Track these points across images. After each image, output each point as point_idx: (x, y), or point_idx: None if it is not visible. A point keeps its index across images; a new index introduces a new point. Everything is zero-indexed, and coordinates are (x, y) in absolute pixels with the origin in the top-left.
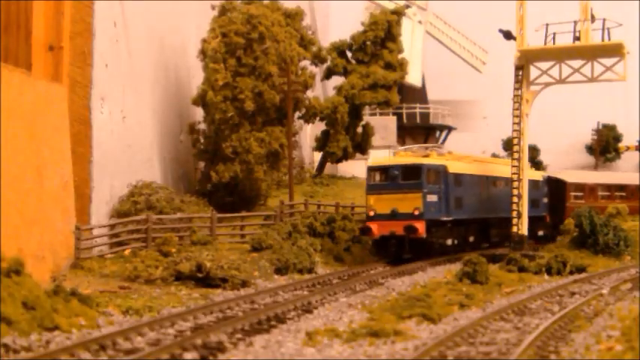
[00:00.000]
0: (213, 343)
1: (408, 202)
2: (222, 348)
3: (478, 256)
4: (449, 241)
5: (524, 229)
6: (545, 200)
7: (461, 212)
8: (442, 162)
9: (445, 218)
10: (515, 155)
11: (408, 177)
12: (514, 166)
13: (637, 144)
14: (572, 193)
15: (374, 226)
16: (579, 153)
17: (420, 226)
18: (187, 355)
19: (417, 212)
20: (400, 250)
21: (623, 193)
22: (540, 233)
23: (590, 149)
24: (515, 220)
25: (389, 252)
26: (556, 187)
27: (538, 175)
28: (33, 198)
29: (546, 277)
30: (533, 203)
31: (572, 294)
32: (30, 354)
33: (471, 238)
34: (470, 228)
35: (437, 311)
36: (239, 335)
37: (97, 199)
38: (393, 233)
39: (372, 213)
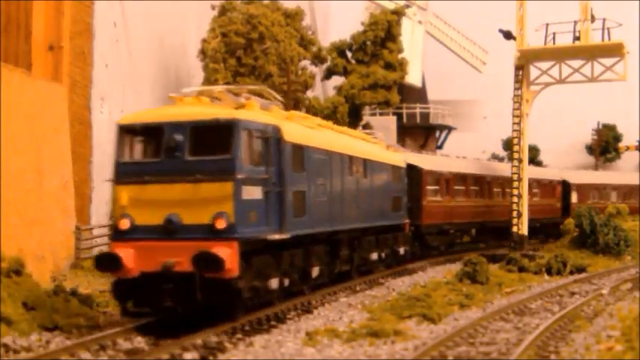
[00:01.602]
0: (213, 343)
1: (203, 204)
2: (222, 348)
3: (478, 255)
4: (274, 283)
5: (524, 229)
6: (405, 200)
7: (305, 222)
8: (273, 120)
9: (277, 236)
10: (516, 155)
11: (205, 148)
12: (514, 166)
13: (637, 144)
14: (429, 187)
15: (126, 254)
16: (579, 153)
17: (229, 255)
18: (187, 355)
19: (221, 224)
20: (180, 302)
21: (477, 188)
22: (401, 251)
23: (590, 149)
24: (515, 220)
25: (155, 306)
26: (413, 179)
27: (398, 160)
28: (33, 198)
29: (546, 277)
30: (394, 204)
31: (572, 294)
32: (30, 354)
33: (315, 271)
34: (314, 251)
35: (437, 311)
36: (239, 335)
37: (97, 199)
38: (168, 269)
39: (125, 224)
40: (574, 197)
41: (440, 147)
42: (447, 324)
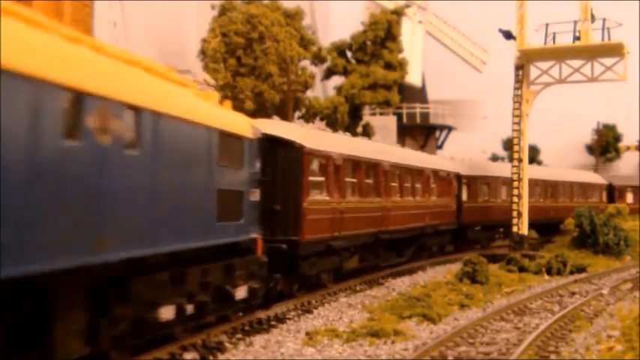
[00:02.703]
0: (213, 343)
1: None
2: (222, 348)
3: (478, 255)
4: None
5: (524, 229)
6: (254, 198)
7: None
8: None
9: None
10: (515, 155)
11: None
12: (514, 166)
13: (637, 144)
14: (312, 179)
15: None
16: (579, 153)
17: None
18: (187, 355)
19: None
20: None
21: (366, 180)
22: (241, 293)
23: (590, 149)
24: (515, 220)
25: None
26: (282, 164)
27: (239, 125)
28: None
29: (546, 277)
30: (226, 207)
31: (573, 294)
32: None
33: None
34: None
35: (437, 311)
36: (239, 335)
37: None
38: None
39: None
40: (464, 194)
41: (440, 147)
42: (447, 324)
